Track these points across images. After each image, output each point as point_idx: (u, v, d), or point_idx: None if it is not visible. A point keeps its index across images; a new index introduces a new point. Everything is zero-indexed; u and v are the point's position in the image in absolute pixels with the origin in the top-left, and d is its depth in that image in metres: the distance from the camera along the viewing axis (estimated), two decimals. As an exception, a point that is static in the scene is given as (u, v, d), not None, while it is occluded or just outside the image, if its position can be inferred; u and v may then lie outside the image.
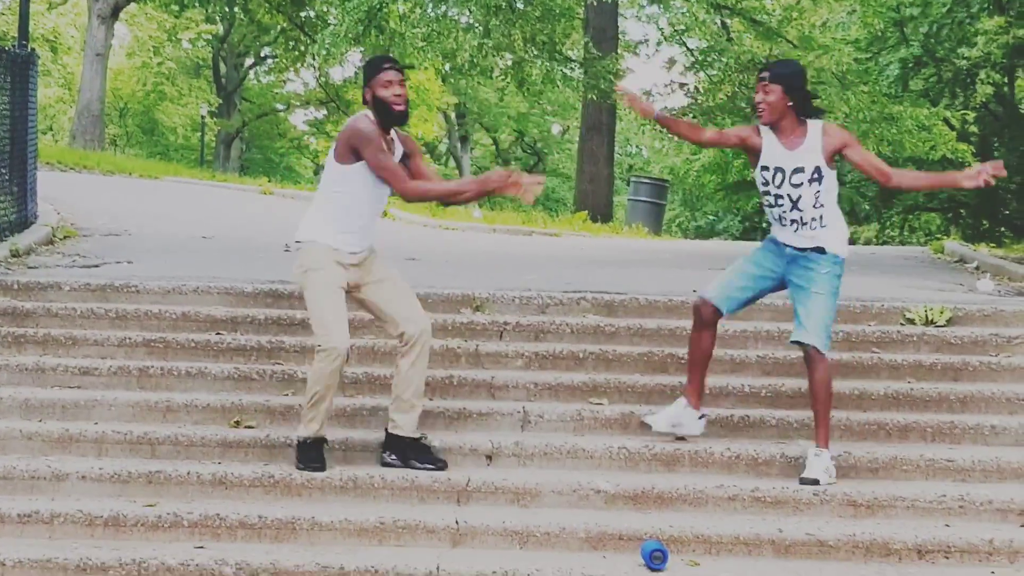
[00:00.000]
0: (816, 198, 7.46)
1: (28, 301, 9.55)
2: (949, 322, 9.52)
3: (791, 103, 7.44)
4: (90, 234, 14.03)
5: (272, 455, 7.60)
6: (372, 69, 7.40)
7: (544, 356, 8.86)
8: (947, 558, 6.74)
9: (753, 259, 7.74)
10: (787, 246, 7.57)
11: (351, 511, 6.94)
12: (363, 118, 7.36)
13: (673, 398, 8.13)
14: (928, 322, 9.47)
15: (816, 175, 7.44)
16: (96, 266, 11.26)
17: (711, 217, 49.69)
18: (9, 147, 12.53)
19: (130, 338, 8.90)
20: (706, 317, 7.68)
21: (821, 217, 7.51)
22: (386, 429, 7.54)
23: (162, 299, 9.63)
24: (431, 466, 7.41)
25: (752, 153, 7.63)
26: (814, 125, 7.50)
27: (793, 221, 7.52)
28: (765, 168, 7.54)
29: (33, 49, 14.00)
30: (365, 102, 7.44)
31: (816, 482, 7.26)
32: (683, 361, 8.72)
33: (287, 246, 13.17)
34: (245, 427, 7.91)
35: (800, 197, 7.47)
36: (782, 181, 7.49)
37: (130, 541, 6.74)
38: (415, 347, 7.40)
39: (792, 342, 7.59)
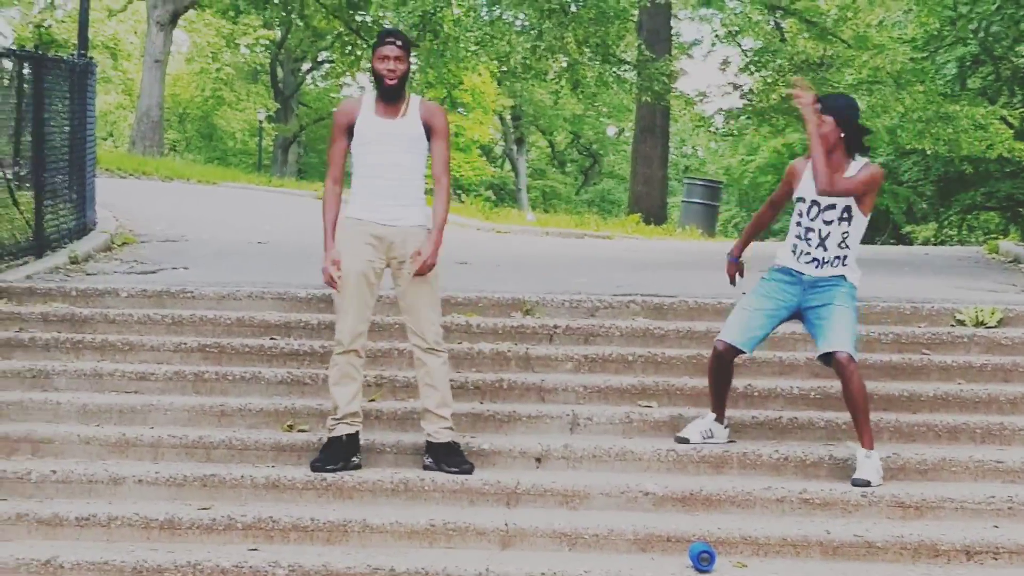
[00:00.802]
0: (843, 238, 7.49)
1: (86, 307, 9.72)
2: (1000, 323, 9.50)
3: (843, 135, 7.44)
4: (148, 240, 14.21)
5: (324, 458, 7.70)
6: (376, 42, 7.57)
7: (593, 359, 8.92)
8: (995, 559, 6.74)
9: (764, 293, 7.70)
10: (804, 274, 7.57)
11: (402, 513, 7.02)
12: (348, 99, 7.58)
13: (722, 400, 8.20)
14: (979, 323, 9.46)
15: (846, 215, 7.46)
16: (153, 272, 11.42)
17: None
18: (68, 155, 12.74)
19: (185, 343, 9.04)
20: (729, 358, 7.68)
21: (844, 258, 7.53)
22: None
23: (217, 305, 9.77)
24: (456, 469, 7.47)
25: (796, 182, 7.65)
26: (859, 164, 7.49)
27: (815, 259, 7.53)
28: (801, 199, 7.57)
29: (91, 58, 14.20)
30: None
31: (868, 483, 7.27)
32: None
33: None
34: (298, 431, 8.02)
35: (829, 235, 7.49)
36: (816, 215, 7.51)
37: (185, 543, 6.86)
38: (425, 360, 7.55)
39: (820, 357, 7.52)
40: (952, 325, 9.54)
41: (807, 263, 7.56)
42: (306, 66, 60.97)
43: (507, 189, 63.78)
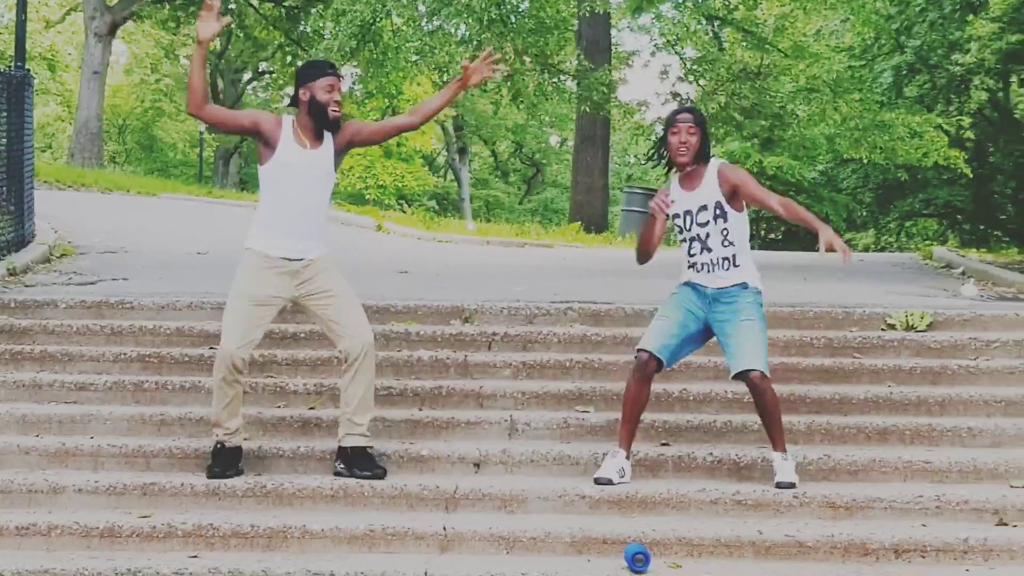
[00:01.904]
0: (724, 235, 7.59)
1: (25, 319, 9.72)
2: (930, 327, 9.68)
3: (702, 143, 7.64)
4: (87, 252, 14.20)
5: (264, 466, 7.76)
6: (315, 72, 7.54)
7: (531, 366, 9.03)
8: (923, 557, 6.88)
9: (675, 303, 7.70)
10: (706, 287, 7.65)
11: (341, 519, 7.09)
12: (270, 113, 7.62)
13: (657, 405, 8.32)
14: (909, 327, 9.63)
15: (719, 211, 7.56)
16: (92, 283, 11.43)
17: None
18: (6, 167, 12.71)
19: (125, 354, 9.07)
20: (649, 371, 7.62)
21: (734, 257, 7.61)
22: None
23: (156, 315, 9.80)
24: (368, 473, 7.51)
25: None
26: (712, 164, 7.67)
27: (705, 264, 7.62)
28: (676, 216, 7.67)
29: (28, 70, 14.18)
30: (295, 103, 7.58)
31: (793, 485, 7.41)
32: (666, 368, 8.89)
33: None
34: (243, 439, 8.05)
35: (709, 235, 7.59)
36: (691, 223, 7.62)
37: (125, 551, 6.89)
38: (353, 364, 7.55)
39: (735, 376, 7.53)
40: (883, 329, 9.71)
41: (703, 273, 7.63)
42: (247, 76, 60.85)
43: (450, 199, 63.86)
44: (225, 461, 7.58)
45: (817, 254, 7.91)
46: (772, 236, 41.13)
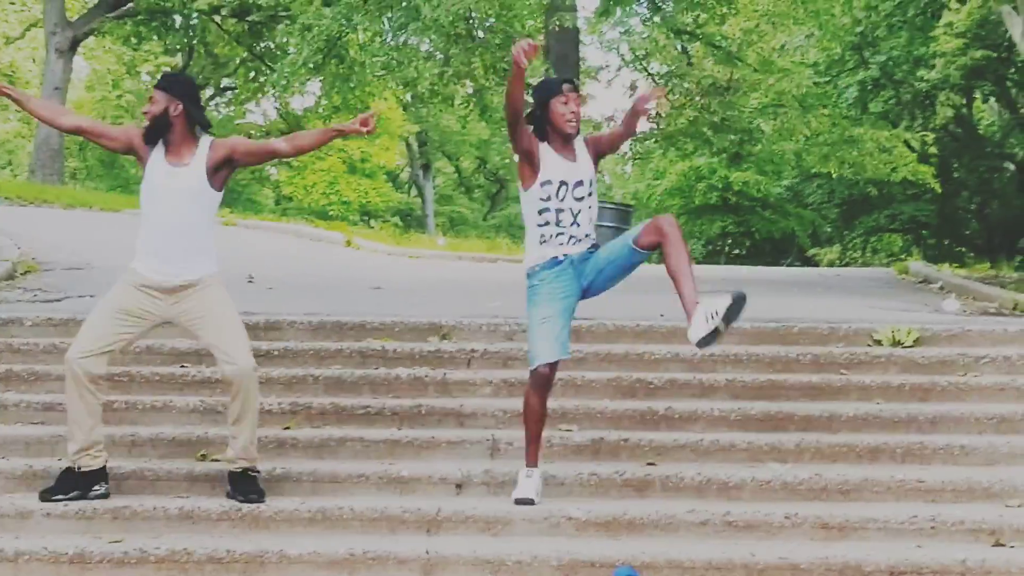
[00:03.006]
0: (591, 211, 7.43)
1: (-11, 337, 9.44)
2: (916, 342, 9.52)
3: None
4: (51, 268, 13.91)
5: (239, 488, 7.51)
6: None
7: (512, 383, 8.80)
8: (920, 579, 6.72)
9: (545, 297, 7.40)
10: (574, 255, 7.38)
11: (320, 543, 6.86)
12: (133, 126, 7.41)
13: (643, 424, 8.16)
14: (896, 343, 9.47)
15: (592, 188, 7.40)
16: (58, 300, 11.16)
17: (673, 242, 49.65)
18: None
19: (93, 372, 8.79)
20: (551, 377, 7.40)
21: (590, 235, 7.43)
22: None
23: (125, 332, 9.52)
24: (242, 498, 7.22)
25: (530, 165, 7.41)
26: (580, 138, 7.45)
27: (572, 237, 7.37)
28: (547, 183, 7.37)
29: (-9, 83, 13.88)
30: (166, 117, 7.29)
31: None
32: (652, 385, 8.77)
33: (250, 277, 13.11)
34: (211, 460, 7.82)
35: (580, 212, 7.37)
36: (565, 194, 7.35)
37: (96, 578, 6.66)
38: (232, 387, 7.22)
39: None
40: (869, 345, 9.54)
41: (570, 245, 7.36)
42: (209, 92, 60.48)
43: (414, 215, 63.64)
44: (69, 484, 7.26)
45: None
46: (736, 252, 41.18)
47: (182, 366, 9.00)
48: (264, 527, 7.14)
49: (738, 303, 6.91)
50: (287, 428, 8.21)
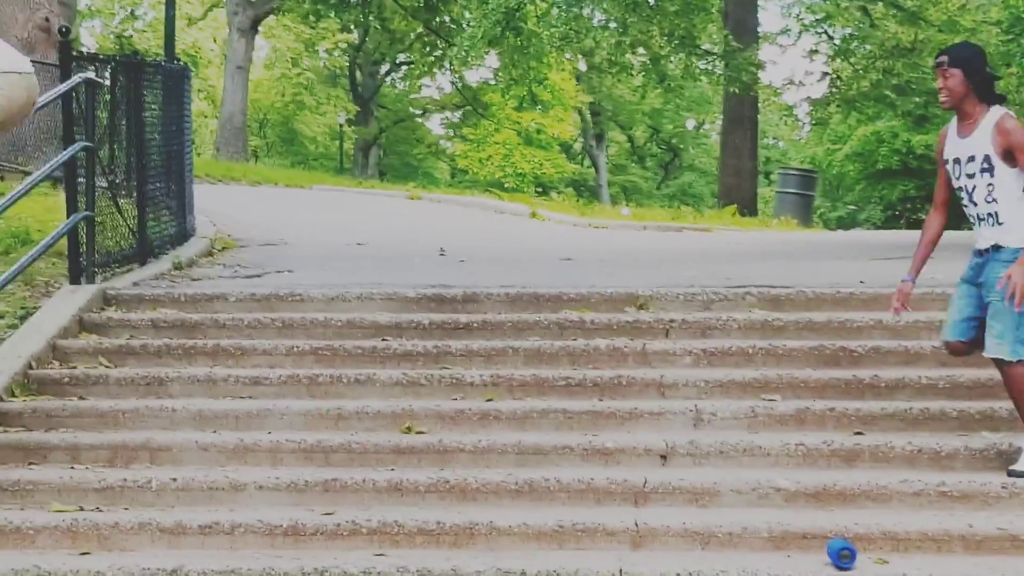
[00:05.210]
0: (989, 191, 7.12)
1: (195, 313, 9.65)
2: None
3: (972, 86, 7.16)
4: (247, 245, 14.17)
5: (445, 460, 7.57)
6: None
7: (712, 353, 8.73)
8: None
9: (960, 281, 7.35)
10: (976, 251, 7.24)
11: (528, 515, 6.86)
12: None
13: (847, 393, 8.01)
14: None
15: (987, 165, 7.10)
16: (258, 276, 11.36)
17: (851, 207, 48.91)
18: (167, 161, 12.71)
19: (298, 347, 8.95)
20: (958, 352, 7.39)
21: (996, 214, 7.11)
22: None
23: (327, 307, 9.67)
24: None
25: None
26: (992, 113, 7.13)
27: (971, 217, 7.24)
28: (946, 161, 7.30)
29: (186, 63, 14.19)
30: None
31: None
32: (854, 354, 8.58)
33: (441, 250, 13.21)
34: (416, 432, 7.89)
35: (975, 188, 7.18)
36: (960, 173, 7.24)
37: (310, 549, 6.74)
38: None
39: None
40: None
41: (973, 230, 7.26)
42: (385, 68, 61.16)
43: (587, 185, 63.67)
44: None
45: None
46: (917, 216, 40.28)
47: (383, 339, 9.09)
48: (471, 499, 7.17)
49: None
50: (489, 400, 8.24)
